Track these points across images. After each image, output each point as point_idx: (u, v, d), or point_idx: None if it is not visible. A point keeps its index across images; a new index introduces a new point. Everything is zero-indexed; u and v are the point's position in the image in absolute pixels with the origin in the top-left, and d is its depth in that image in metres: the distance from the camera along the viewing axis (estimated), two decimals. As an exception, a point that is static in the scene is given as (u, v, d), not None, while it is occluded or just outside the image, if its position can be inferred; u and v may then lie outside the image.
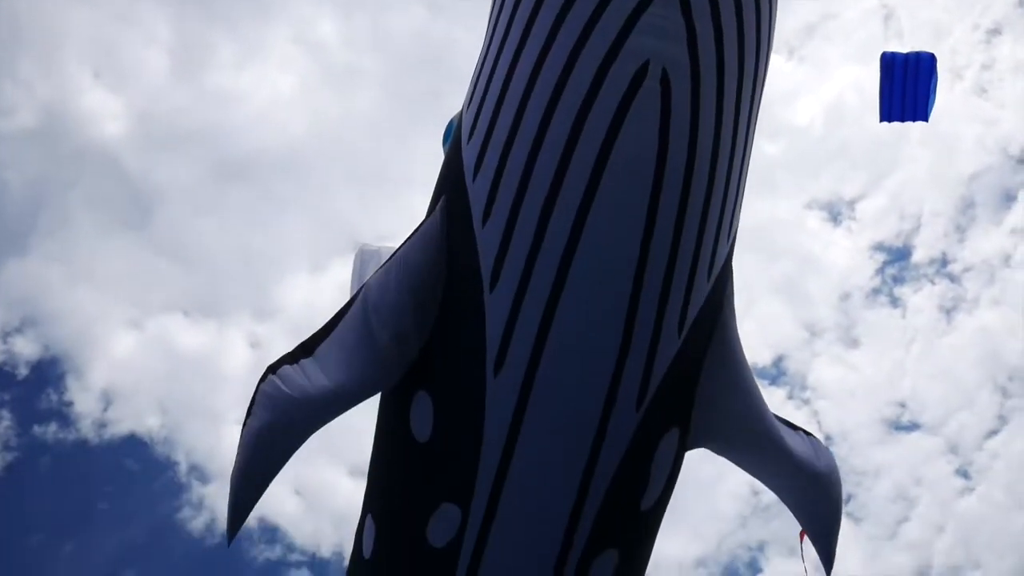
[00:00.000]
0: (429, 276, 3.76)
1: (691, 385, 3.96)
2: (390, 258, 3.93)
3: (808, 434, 4.67)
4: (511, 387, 3.61)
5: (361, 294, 3.94)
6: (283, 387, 3.61)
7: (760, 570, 22.43)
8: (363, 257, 4.93)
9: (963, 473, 21.89)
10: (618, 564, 3.99)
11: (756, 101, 3.79)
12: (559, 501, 3.74)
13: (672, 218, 3.45)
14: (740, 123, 3.62)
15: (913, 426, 22.54)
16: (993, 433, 21.91)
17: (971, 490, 21.90)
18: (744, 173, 3.85)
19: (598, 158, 3.37)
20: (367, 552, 4.16)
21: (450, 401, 3.78)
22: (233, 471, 3.61)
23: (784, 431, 4.47)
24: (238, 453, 3.65)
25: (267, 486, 3.66)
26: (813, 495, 4.54)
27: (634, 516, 3.98)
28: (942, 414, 22.85)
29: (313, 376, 3.68)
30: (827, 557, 4.64)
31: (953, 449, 22.17)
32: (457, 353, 3.74)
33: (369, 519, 4.18)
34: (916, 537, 21.90)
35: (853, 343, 23.51)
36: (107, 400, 21.73)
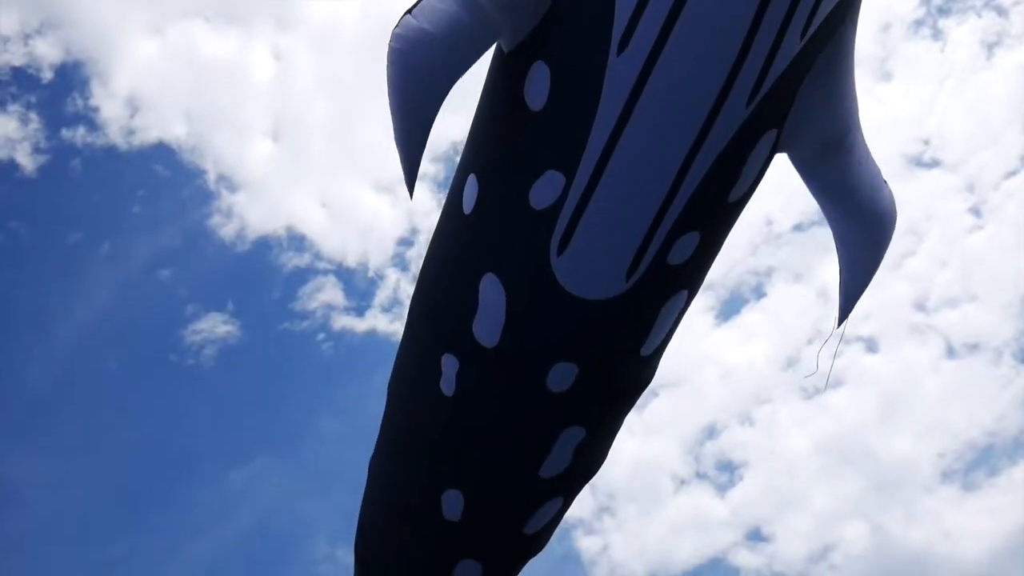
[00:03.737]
0: None
1: (796, 90, 4.07)
2: None
3: (885, 183, 4.84)
4: (632, 67, 3.71)
5: None
6: (407, 33, 3.75)
7: (764, 295, 23.44)
8: None
9: (975, 211, 22.26)
10: (698, 246, 4.31)
11: None
12: (658, 181, 3.98)
13: None
14: None
15: (934, 163, 22.61)
16: (1012, 174, 22.03)
17: (980, 228, 22.39)
18: None
19: None
20: (468, 208, 4.39)
21: (569, 75, 3.89)
22: (393, 131, 3.84)
23: (868, 169, 4.64)
24: (390, 109, 3.85)
25: (428, 130, 3.85)
26: (862, 238, 4.77)
27: (721, 205, 4.25)
28: (964, 152, 22.85)
29: (432, 23, 3.80)
30: (847, 306, 4.88)
31: (970, 187, 22.40)
32: (582, 29, 3.80)
33: (472, 178, 4.38)
34: (919, 270, 22.67)
35: (886, 76, 23.08)
36: (133, 107, 21.68)
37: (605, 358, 4.61)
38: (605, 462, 5.28)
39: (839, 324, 4.98)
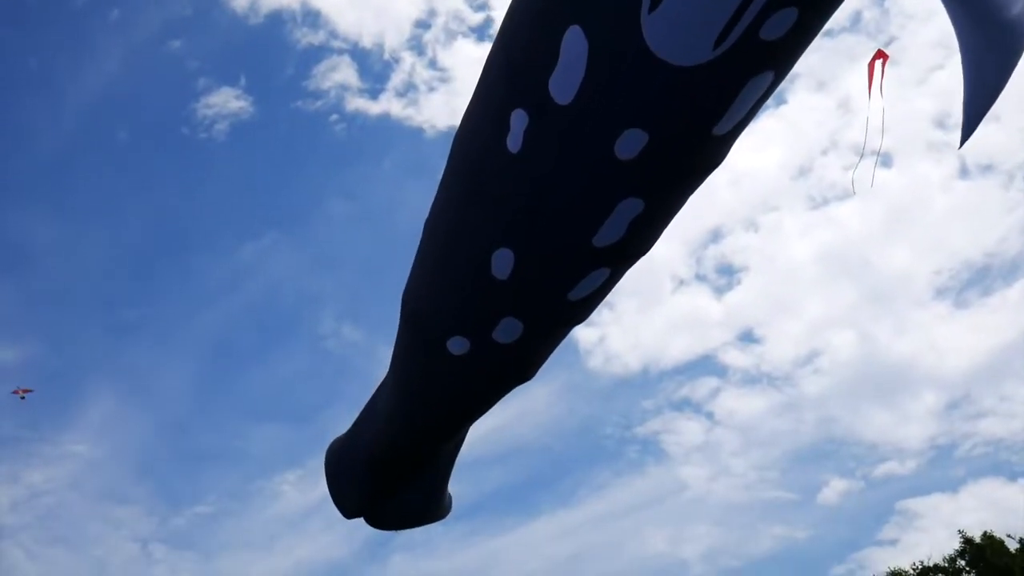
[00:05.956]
0: None
1: None
2: None
3: None
4: None
5: None
6: None
7: (784, 102, 23.10)
8: None
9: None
10: (795, 24, 4.10)
11: None
12: None
13: None
14: None
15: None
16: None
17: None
18: None
19: None
20: None
21: None
22: None
23: None
24: None
25: None
26: (990, 51, 4.48)
27: None
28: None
29: None
30: (970, 125, 4.56)
31: (1015, 3, 21.58)
32: None
33: None
34: (945, 85, 22.18)
35: None
36: None
37: (677, 130, 4.51)
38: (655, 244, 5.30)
39: (960, 145, 4.65)
